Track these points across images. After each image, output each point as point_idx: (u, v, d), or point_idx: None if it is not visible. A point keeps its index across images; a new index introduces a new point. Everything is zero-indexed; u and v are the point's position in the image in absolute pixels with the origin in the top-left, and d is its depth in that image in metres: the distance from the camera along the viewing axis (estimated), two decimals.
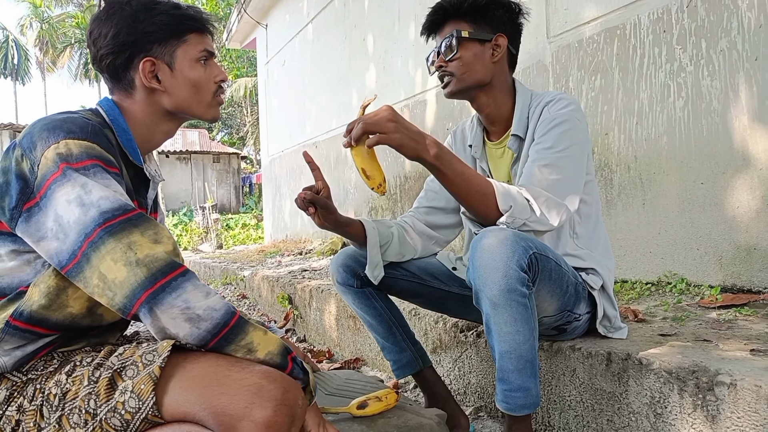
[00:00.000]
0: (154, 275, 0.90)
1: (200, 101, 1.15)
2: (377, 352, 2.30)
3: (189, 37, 1.13)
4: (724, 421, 1.10)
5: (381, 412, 1.25)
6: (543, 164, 1.29)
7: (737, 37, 1.94)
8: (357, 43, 4.70)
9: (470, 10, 1.39)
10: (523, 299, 1.17)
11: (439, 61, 1.42)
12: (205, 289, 0.94)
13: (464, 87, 1.42)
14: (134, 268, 0.89)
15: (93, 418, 0.92)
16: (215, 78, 1.16)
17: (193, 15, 1.13)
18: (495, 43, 1.40)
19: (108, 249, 0.90)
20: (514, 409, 1.22)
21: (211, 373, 0.92)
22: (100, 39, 1.09)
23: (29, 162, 0.95)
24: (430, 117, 3.78)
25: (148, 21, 1.09)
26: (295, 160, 6.19)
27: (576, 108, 1.36)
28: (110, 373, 0.95)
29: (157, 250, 0.92)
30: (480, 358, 1.78)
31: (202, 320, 0.91)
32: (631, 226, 2.33)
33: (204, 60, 1.14)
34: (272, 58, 6.78)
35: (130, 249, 0.90)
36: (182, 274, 0.92)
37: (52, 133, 0.96)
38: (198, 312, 0.91)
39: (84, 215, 0.91)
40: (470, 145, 1.54)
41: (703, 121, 2.06)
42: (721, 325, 1.56)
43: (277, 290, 3.41)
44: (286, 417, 0.89)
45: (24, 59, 36.32)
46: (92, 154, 0.97)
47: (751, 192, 1.91)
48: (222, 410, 0.89)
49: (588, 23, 2.48)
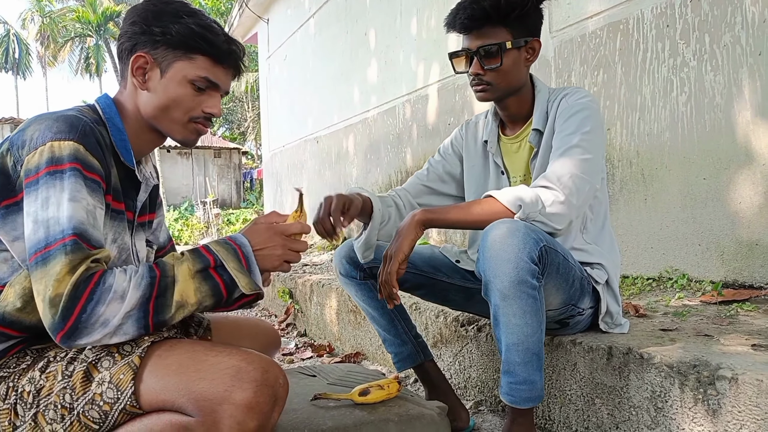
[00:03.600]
0: (64, 315, 0.86)
1: (171, 119, 1.09)
2: (378, 347, 2.30)
3: (197, 58, 1.07)
4: (725, 415, 1.10)
5: (383, 400, 1.26)
6: (569, 147, 1.30)
7: (741, 31, 1.93)
8: (359, 37, 4.69)
9: (515, 17, 1.36)
10: (533, 291, 1.17)
11: (477, 69, 1.38)
12: (120, 289, 0.89)
13: (500, 95, 1.42)
14: (47, 308, 0.87)
15: (70, 412, 0.92)
16: (204, 107, 1.10)
17: (212, 40, 1.08)
18: (530, 47, 1.40)
19: (35, 279, 0.89)
20: (518, 402, 1.22)
21: (187, 359, 0.92)
22: (123, 23, 1.10)
23: (13, 159, 0.95)
24: (431, 112, 3.77)
25: (167, 23, 1.07)
26: (296, 155, 6.18)
27: (593, 99, 1.38)
28: (85, 366, 0.94)
29: (68, 282, 0.87)
30: (481, 353, 1.78)
31: (123, 326, 0.89)
32: (633, 222, 2.33)
33: (200, 87, 1.08)
34: (273, 53, 6.77)
35: (48, 285, 0.87)
36: (89, 297, 0.87)
37: (41, 134, 0.95)
38: (116, 323, 0.89)
39: (33, 234, 0.90)
40: (485, 140, 1.54)
41: (705, 117, 2.05)
42: (723, 320, 1.56)
43: (277, 285, 3.41)
44: (267, 397, 0.89)
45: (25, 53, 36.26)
46: (75, 157, 0.94)
47: (754, 187, 1.91)
48: (202, 395, 0.88)
49: (591, 18, 2.47)
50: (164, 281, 0.92)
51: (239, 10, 7.04)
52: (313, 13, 5.56)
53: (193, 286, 0.94)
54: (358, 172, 4.83)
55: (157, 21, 1.07)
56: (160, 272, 0.93)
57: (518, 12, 1.35)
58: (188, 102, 1.08)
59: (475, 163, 1.58)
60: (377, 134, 4.50)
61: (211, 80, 1.09)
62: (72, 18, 33.39)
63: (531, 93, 1.46)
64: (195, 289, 0.94)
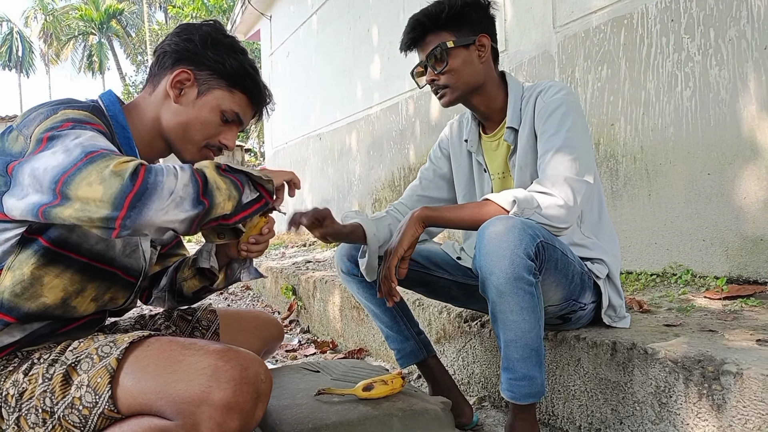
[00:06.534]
0: (131, 177, 0.85)
1: (188, 139, 1.12)
2: (381, 343, 2.30)
3: (237, 93, 1.13)
4: (729, 410, 1.10)
5: (386, 395, 1.26)
6: (555, 149, 1.30)
7: (746, 25, 1.92)
8: (361, 34, 4.68)
9: (448, 19, 1.38)
10: (529, 287, 1.16)
11: (431, 76, 1.43)
12: (170, 169, 0.91)
13: (460, 95, 1.43)
14: (110, 178, 0.84)
15: (51, 416, 0.90)
16: (222, 138, 1.15)
17: (256, 82, 1.14)
18: (479, 44, 1.41)
19: (83, 175, 0.84)
20: (518, 398, 1.22)
21: (164, 360, 0.90)
22: (178, 34, 1.12)
23: (24, 137, 0.93)
24: (434, 108, 3.77)
25: (220, 52, 1.11)
26: (299, 152, 6.18)
27: (567, 91, 1.37)
28: (64, 368, 0.93)
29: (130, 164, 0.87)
30: (484, 349, 1.77)
31: (184, 198, 0.88)
32: (637, 218, 2.32)
33: (228, 119, 1.13)
34: (276, 50, 6.76)
35: (106, 168, 0.85)
36: (149, 170, 0.87)
37: (50, 108, 0.97)
38: (179, 190, 0.88)
39: (68, 157, 0.87)
40: (466, 139, 1.55)
41: (710, 111, 2.04)
42: (727, 315, 1.55)
43: (281, 281, 3.41)
44: (248, 396, 0.87)
45: (28, 51, 36.35)
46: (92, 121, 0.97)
47: (759, 182, 1.90)
48: (179, 397, 0.86)
49: (595, 12, 2.46)
50: (198, 170, 0.94)
51: (242, 7, 7.03)
52: (315, 9, 5.55)
53: (219, 177, 0.95)
54: (360, 169, 4.83)
55: (214, 48, 1.10)
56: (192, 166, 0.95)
57: (450, 12, 1.37)
58: (212, 129, 1.13)
59: (461, 162, 1.60)
60: (380, 131, 4.50)
61: (239, 116, 1.14)
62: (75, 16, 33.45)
63: (503, 91, 1.47)
64: (222, 179, 0.95)
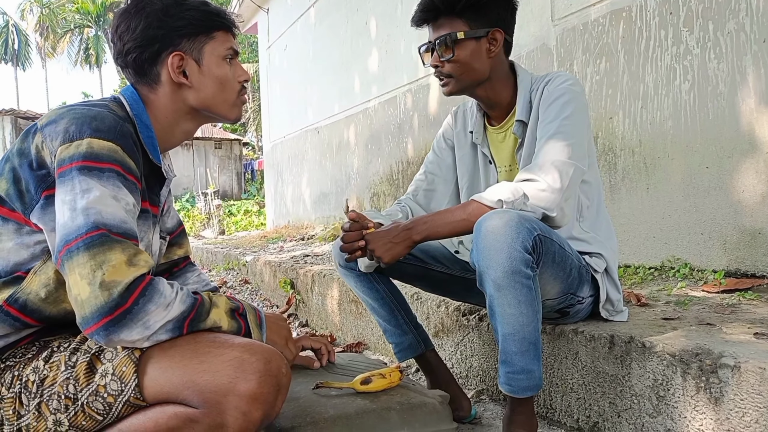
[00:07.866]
0: (117, 301, 0.87)
1: (225, 99, 1.13)
2: (379, 336, 2.31)
3: (217, 35, 1.12)
4: (727, 403, 1.10)
5: (384, 389, 1.25)
6: (549, 135, 1.30)
7: (745, 18, 1.91)
8: (359, 27, 4.66)
9: (466, 6, 1.35)
10: (527, 281, 1.16)
11: (435, 61, 1.40)
12: (169, 298, 0.92)
13: (463, 87, 1.42)
14: (97, 290, 0.86)
15: (74, 402, 0.92)
16: (239, 77, 1.15)
17: (221, 12, 1.13)
18: (491, 37, 1.38)
19: (80, 261, 0.87)
20: (516, 391, 1.22)
21: (190, 352, 0.93)
22: (127, 33, 1.07)
23: (49, 151, 0.95)
24: (432, 101, 3.76)
25: (178, 15, 1.08)
26: (296, 146, 6.17)
27: (574, 82, 1.36)
28: (88, 356, 0.95)
29: (128, 273, 0.89)
30: (482, 342, 1.78)
31: (158, 334, 0.91)
32: (635, 211, 2.32)
33: (230, 58, 1.13)
34: (274, 43, 6.73)
35: (100, 268, 0.87)
36: (142, 293, 0.89)
37: (78, 128, 0.95)
38: (155, 329, 0.91)
39: (71, 221, 0.89)
40: (471, 131, 1.54)
41: (709, 105, 2.04)
42: (725, 309, 1.56)
43: (279, 275, 3.41)
44: (271, 387, 0.91)
45: (24, 44, 36.15)
46: (114, 158, 0.95)
47: (757, 176, 1.90)
48: (206, 387, 0.89)
49: (594, 5, 2.45)
50: (203, 307, 0.97)
51: (239, 0, 7.00)
52: (313, 2, 5.52)
53: (226, 318, 1.01)
54: (359, 163, 4.82)
55: (170, 18, 1.07)
56: (201, 299, 0.98)
57: (468, 2, 1.34)
58: (229, 77, 1.13)
59: (465, 152, 1.58)
60: (378, 124, 4.49)
61: (234, 48, 1.14)
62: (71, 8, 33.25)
63: (512, 83, 1.45)
64: (228, 321, 1.01)
